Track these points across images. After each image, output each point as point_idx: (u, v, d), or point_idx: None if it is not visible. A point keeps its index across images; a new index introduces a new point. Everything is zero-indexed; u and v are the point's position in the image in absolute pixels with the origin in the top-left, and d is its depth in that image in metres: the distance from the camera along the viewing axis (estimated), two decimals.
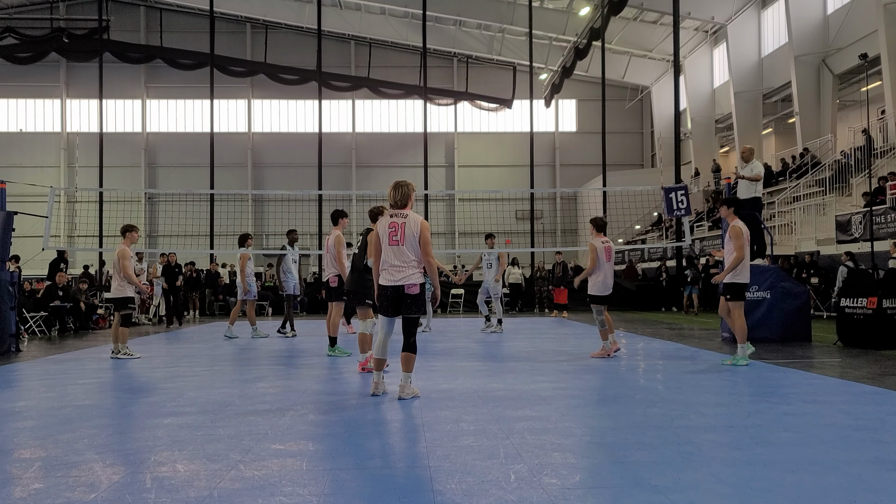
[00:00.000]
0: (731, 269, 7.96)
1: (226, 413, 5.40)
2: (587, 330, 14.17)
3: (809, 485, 3.41)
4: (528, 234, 27.48)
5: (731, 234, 7.96)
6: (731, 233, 7.96)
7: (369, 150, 38.74)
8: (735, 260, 7.89)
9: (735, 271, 7.99)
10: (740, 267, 7.99)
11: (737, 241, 7.88)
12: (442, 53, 38.03)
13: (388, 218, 5.97)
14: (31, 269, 23.09)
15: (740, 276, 8.03)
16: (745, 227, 8.02)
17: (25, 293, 14.89)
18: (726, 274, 8.03)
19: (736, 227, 7.94)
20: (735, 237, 7.90)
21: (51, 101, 38.24)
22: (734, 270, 7.98)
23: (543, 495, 3.28)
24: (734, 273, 8.00)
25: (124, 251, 9.39)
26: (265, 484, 3.52)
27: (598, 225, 9.11)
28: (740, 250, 7.86)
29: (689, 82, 33.00)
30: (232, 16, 36.78)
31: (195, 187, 32.25)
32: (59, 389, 6.82)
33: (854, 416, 5.01)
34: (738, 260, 7.89)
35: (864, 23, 22.29)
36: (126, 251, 9.41)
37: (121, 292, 9.45)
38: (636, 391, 6.34)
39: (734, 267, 7.95)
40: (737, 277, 8.02)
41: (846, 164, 20.90)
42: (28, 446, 4.40)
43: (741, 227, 7.94)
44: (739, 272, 8.02)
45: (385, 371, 6.33)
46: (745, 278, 8.08)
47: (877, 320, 9.44)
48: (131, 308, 9.59)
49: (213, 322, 18.00)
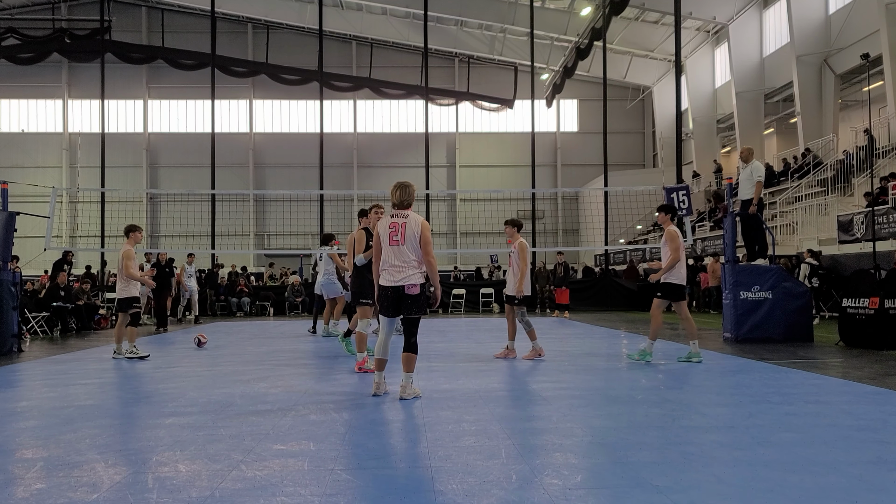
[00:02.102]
0: (667, 270, 8.34)
1: (227, 413, 5.41)
2: (588, 330, 14.17)
3: (811, 485, 3.41)
4: (530, 235, 27.47)
5: (667, 238, 8.40)
6: (668, 236, 8.40)
7: (371, 150, 38.77)
8: (671, 261, 8.30)
9: (672, 272, 8.35)
10: (677, 268, 8.37)
11: (672, 244, 8.31)
12: (443, 53, 38.05)
13: (389, 218, 5.97)
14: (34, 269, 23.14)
15: (676, 277, 8.40)
16: (679, 231, 8.51)
17: (27, 293, 14.91)
18: (662, 274, 8.41)
19: (671, 231, 8.41)
20: (671, 240, 8.34)
21: (52, 102, 38.31)
22: (671, 271, 8.34)
23: (545, 495, 3.28)
24: (670, 273, 8.36)
25: (128, 251, 9.39)
26: (267, 484, 3.52)
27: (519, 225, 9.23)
28: (676, 252, 8.30)
29: (691, 82, 32.98)
30: (233, 16, 36.81)
31: (197, 187, 32.29)
32: (61, 389, 6.83)
33: (856, 417, 5.00)
34: (674, 261, 8.30)
35: (865, 22, 22.27)
36: (130, 251, 9.40)
37: (126, 293, 9.44)
38: (637, 391, 6.34)
39: (671, 267, 8.32)
40: (672, 278, 8.39)
41: (848, 164, 20.88)
42: (30, 446, 4.41)
43: (676, 231, 8.44)
44: (675, 273, 8.38)
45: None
46: (682, 279, 8.46)
47: (879, 320, 9.43)
48: (137, 307, 9.55)
49: (213, 322, 18.00)
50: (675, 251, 8.28)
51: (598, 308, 22.55)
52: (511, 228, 9.12)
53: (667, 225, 8.55)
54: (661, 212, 8.69)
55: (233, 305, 21.83)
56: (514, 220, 9.24)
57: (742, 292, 10.74)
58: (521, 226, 9.24)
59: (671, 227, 8.49)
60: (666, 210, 8.66)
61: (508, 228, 9.15)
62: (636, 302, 22.87)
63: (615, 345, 11.09)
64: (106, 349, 11.07)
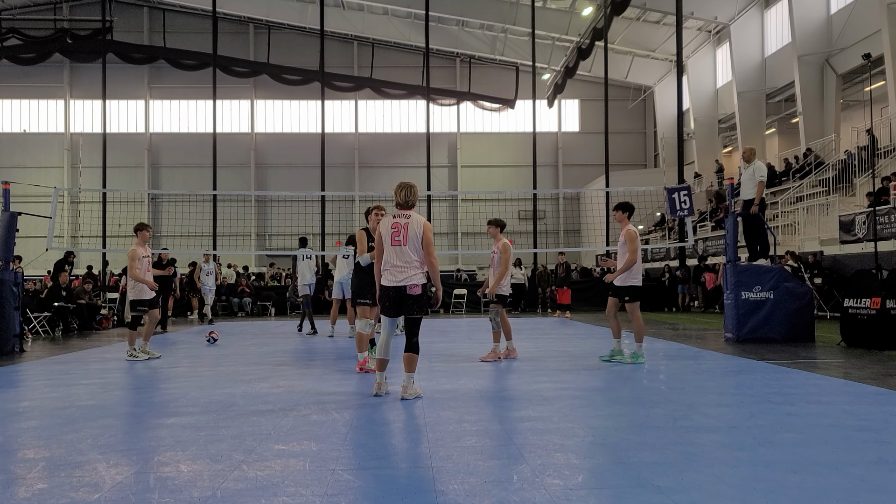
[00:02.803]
0: (623, 271, 8.17)
1: (229, 413, 5.42)
2: (590, 330, 14.17)
3: (812, 485, 3.40)
4: (531, 235, 27.48)
5: (626, 238, 8.20)
6: (627, 237, 8.21)
7: (372, 150, 38.77)
8: (629, 262, 8.13)
9: (630, 272, 8.21)
10: (634, 269, 8.24)
11: (631, 245, 8.14)
12: (444, 54, 38.05)
13: (391, 218, 5.97)
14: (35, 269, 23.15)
15: (634, 279, 8.26)
16: (636, 231, 8.32)
17: (29, 293, 14.93)
18: (619, 275, 8.22)
19: (631, 232, 8.23)
20: (630, 240, 8.16)
21: (54, 102, 38.34)
22: (629, 272, 8.19)
23: (546, 496, 3.28)
24: (628, 275, 8.20)
25: (134, 252, 9.35)
26: (268, 484, 3.53)
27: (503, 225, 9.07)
28: (634, 253, 8.13)
29: (692, 82, 32.97)
30: (235, 16, 36.83)
31: (198, 188, 32.32)
32: (63, 390, 6.84)
33: (857, 417, 5.00)
34: (631, 262, 8.14)
35: (867, 22, 22.25)
36: (135, 251, 9.35)
37: (135, 294, 9.42)
38: (639, 391, 6.33)
39: (628, 268, 8.16)
40: (630, 280, 8.24)
41: (850, 163, 20.86)
42: (32, 446, 4.42)
43: (635, 232, 8.26)
44: (634, 274, 8.25)
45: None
46: (638, 280, 8.31)
47: (880, 321, 9.42)
48: (141, 311, 9.50)
49: (214, 323, 18.00)
50: (634, 252, 8.11)
51: (599, 308, 22.47)
52: (494, 228, 8.96)
53: (624, 224, 8.35)
54: (619, 210, 8.45)
55: (234, 305, 21.86)
56: (497, 219, 9.06)
57: (743, 292, 10.73)
58: (503, 226, 9.04)
59: (630, 226, 8.30)
60: (623, 208, 8.43)
61: (491, 228, 8.99)
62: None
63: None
64: (107, 349, 11.10)
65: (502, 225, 9.04)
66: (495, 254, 8.90)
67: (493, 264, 8.97)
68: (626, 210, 8.42)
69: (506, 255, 8.79)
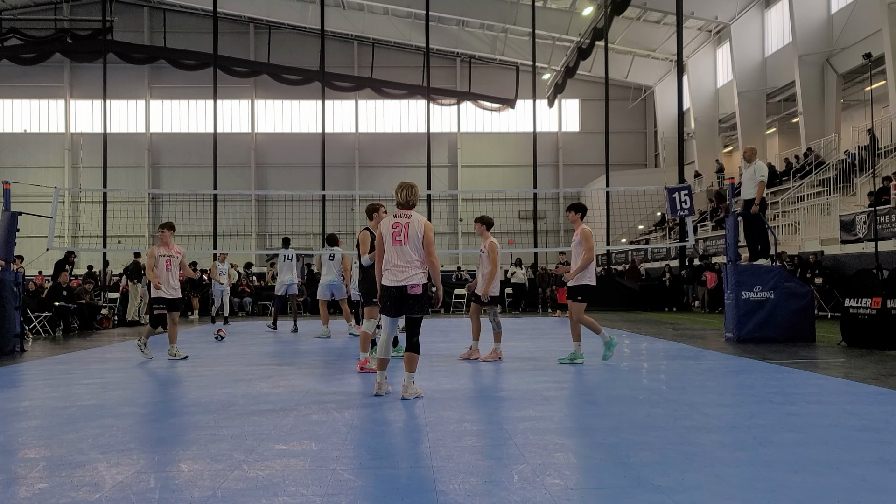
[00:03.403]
0: (580, 270, 8.14)
1: (229, 413, 5.42)
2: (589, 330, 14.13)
3: (813, 485, 3.40)
4: (532, 235, 27.48)
5: (582, 238, 8.18)
6: (583, 236, 8.19)
7: (372, 150, 38.76)
8: (586, 260, 8.12)
9: (587, 272, 8.19)
10: (591, 268, 8.24)
11: (587, 244, 8.13)
12: (445, 53, 38.05)
13: (392, 218, 5.97)
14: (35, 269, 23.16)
15: (588, 279, 8.23)
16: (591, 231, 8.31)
17: (30, 293, 14.93)
18: (575, 274, 8.18)
19: (586, 231, 8.23)
20: (586, 240, 8.15)
21: (55, 102, 38.34)
22: (586, 271, 8.18)
23: (546, 495, 3.28)
24: (584, 275, 8.19)
25: (150, 251, 9.45)
26: (269, 484, 3.53)
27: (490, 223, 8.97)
28: (590, 252, 8.13)
29: (693, 82, 32.96)
30: (235, 16, 36.83)
31: (198, 188, 32.31)
32: (64, 389, 6.84)
33: (858, 417, 5.00)
34: (587, 261, 8.13)
35: (868, 22, 22.23)
36: (151, 250, 9.39)
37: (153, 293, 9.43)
38: (639, 391, 6.33)
39: (584, 268, 8.15)
40: (584, 279, 8.21)
41: (850, 163, 20.85)
42: (33, 446, 4.42)
43: (590, 232, 8.26)
44: (590, 274, 8.25)
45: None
46: (592, 280, 8.29)
47: (881, 320, 9.42)
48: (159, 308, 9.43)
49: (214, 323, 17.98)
50: (590, 251, 8.12)
51: (599, 308, 22.51)
52: (481, 226, 8.87)
53: (578, 224, 8.34)
54: (572, 211, 8.44)
55: (234, 305, 21.85)
56: (484, 217, 8.96)
57: (744, 292, 10.72)
58: (491, 224, 8.94)
59: (584, 226, 8.30)
60: (576, 209, 8.43)
61: (478, 226, 8.89)
62: (638, 302, 22.87)
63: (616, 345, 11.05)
64: (108, 349, 11.10)
65: (489, 223, 8.93)
66: (483, 253, 8.82)
67: (482, 263, 8.88)
68: (578, 211, 8.44)
69: (493, 254, 8.72)
